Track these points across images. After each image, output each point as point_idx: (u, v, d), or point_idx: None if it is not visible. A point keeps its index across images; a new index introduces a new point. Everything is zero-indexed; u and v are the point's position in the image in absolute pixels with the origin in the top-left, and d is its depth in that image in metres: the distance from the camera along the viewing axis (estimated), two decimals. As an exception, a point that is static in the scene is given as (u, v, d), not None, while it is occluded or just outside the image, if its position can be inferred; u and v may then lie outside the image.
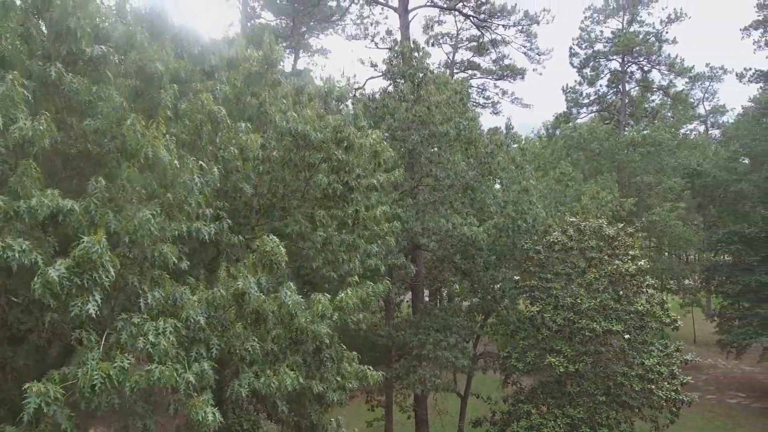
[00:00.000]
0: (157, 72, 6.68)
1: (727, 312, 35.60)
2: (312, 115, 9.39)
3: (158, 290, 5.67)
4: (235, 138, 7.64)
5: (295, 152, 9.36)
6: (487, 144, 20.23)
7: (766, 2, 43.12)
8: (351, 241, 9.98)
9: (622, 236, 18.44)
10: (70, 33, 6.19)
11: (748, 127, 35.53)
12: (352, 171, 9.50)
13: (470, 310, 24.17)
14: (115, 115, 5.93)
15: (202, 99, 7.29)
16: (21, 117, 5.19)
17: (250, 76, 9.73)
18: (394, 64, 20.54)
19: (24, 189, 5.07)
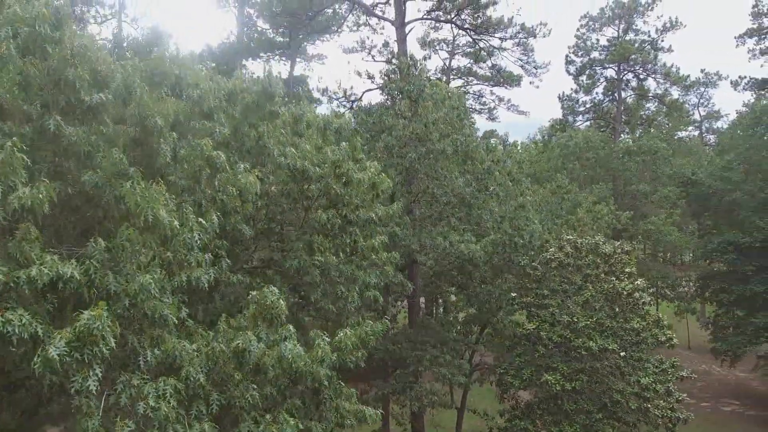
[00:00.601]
0: (156, 126, 6.66)
1: (721, 320, 35.77)
2: (311, 149, 9.37)
3: (158, 349, 5.65)
4: (234, 180, 7.61)
5: (294, 186, 9.34)
6: (484, 159, 20.25)
7: (760, 10, 43.35)
8: (349, 272, 9.96)
9: (618, 254, 18.50)
10: (68, 84, 6.15)
11: (743, 136, 35.73)
12: (351, 204, 9.48)
13: (466, 321, 24.22)
14: (114, 169, 5.90)
15: (202, 144, 7.26)
16: (20, 184, 5.16)
17: (249, 108, 9.69)
18: (391, 79, 20.54)
19: (23, 254, 5.04)
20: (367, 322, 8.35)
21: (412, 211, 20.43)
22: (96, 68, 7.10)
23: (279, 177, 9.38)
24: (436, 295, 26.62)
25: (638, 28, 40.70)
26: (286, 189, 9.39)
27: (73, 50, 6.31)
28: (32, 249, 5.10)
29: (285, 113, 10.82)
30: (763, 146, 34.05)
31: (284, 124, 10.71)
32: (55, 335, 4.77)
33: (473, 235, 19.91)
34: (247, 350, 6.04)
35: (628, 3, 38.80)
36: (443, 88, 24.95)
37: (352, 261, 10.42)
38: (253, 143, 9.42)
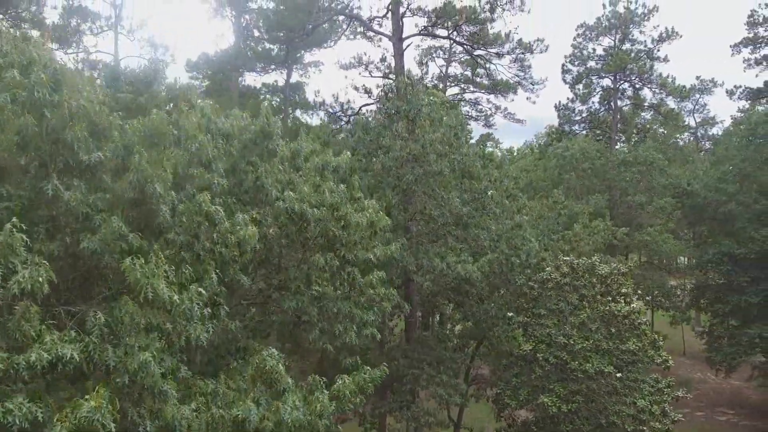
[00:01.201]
0: (155, 192, 6.66)
1: (716, 330, 35.94)
2: (309, 190, 9.37)
3: (158, 419, 5.66)
4: (233, 231, 7.62)
5: (292, 227, 9.34)
6: (481, 178, 20.30)
7: (755, 20, 43.52)
8: (347, 310, 9.98)
9: (615, 274, 18.59)
10: (66, 145, 6.14)
11: (738, 146, 35.89)
12: (349, 244, 9.50)
13: (463, 335, 24.26)
14: (114, 237, 5.90)
15: (200, 201, 7.26)
16: (20, 265, 5.16)
17: (247, 147, 9.68)
18: (389, 97, 20.56)
19: (22, 332, 5.04)
20: (365, 368, 8.37)
21: (409, 229, 20.46)
22: (95, 121, 7.08)
23: (277, 218, 9.38)
24: (433, 308, 26.65)
25: (635, 38, 40.83)
26: (284, 230, 9.39)
27: (71, 111, 6.30)
28: (32, 327, 5.10)
29: (284, 147, 10.80)
30: (758, 158, 34.22)
31: (282, 159, 10.70)
32: (56, 424, 4.78)
33: (470, 254, 19.94)
34: (247, 419, 6.06)
35: (625, 13, 38.92)
36: (441, 98, 24.94)
37: (349, 297, 10.43)
38: (251, 183, 9.42)
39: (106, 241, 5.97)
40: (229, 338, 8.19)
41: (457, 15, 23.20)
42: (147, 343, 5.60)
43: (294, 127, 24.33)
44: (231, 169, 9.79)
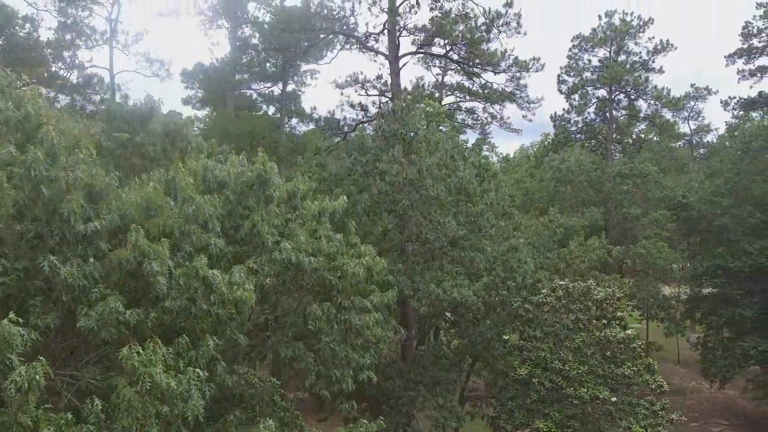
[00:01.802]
0: (152, 270, 6.67)
1: (710, 341, 36.11)
2: (305, 240, 9.39)
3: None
4: (230, 293, 7.63)
5: (289, 276, 9.36)
6: (477, 201, 20.36)
7: (750, 31, 43.71)
8: (344, 354, 10.00)
9: (610, 300, 18.68)
10: (62, 219, 6.14)
11: (733, 159, 36.04)
12: (346, 291, 9.52)
13: (459, 351, 24.30)
14: (111, 316, 5.92)
15: (197, 266, 7.28)
16: (17, 361, 5.16)
17: (244, 192, 9.69)
18: (385, 119, 20.58)
19: (19, 425, 5.05)
20: (362, 422, 8.40)
21: (405, 251, 20.51)
22: (92, 184, 7.08)
23: (274, 267, 9.38)
24: (429, 326, 26.70)
25: (630, 50, 40.96)
26: (281, 278, 9.41)
27: (68, 183, 6.30)
28: (29, 417, 5.11)
29: (281, 187, 10.79)
30: (752, 171, 34.39)
31: (279, 201, 10.70)
32: None
33: (466, 276, 19.99)
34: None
35: (620, 26, 39.04)
36: (436, 109, 24.87)
37: (345, 340, 10.46)
38: (248, 230, 9.43)
39: (103, 319, 6.00)
40: (224, 392, 8.21)
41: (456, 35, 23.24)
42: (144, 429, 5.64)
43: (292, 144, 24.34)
44: (228, 214, 9.78)
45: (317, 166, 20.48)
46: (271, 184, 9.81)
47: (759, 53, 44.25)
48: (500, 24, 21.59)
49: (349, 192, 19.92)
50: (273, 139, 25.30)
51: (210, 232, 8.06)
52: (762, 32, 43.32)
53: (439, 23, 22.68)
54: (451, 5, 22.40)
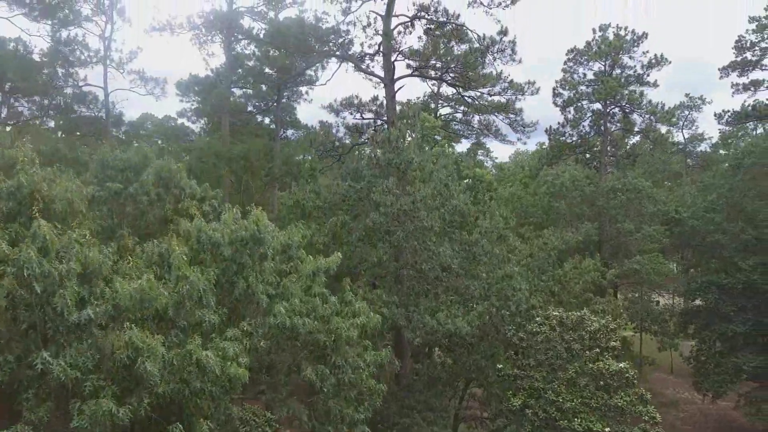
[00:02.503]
0: (146, 371, 6.67)
1: (703, 355, 36.33)
2: (299, 302, 9.40)
3: None
4: (224, 370, 7.64)
5: (283, 338, 9.37)
6: (471, 224, 20.42)
7: (743, 44, 43.92)
8: (338, 411, 10.02)
9: (603, 330, 18.77)
10: (56, 312, 6.13)
11: (725, 175, 36.23)
12: (340, 351, 9.54)
13: (452, 373, 24.36)
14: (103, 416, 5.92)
15: (191, 350, 7.28)
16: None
17: (238, 251, 9.70)
18: (380, 146, 20.60)
19: None
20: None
21: (400, 279, 20.53)
22: (85, 263, 7.07)
23: (268, 330, 9.39)
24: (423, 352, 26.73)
25: (624, 64, 41.10)
26: (275, 340, 9.42)
27: (61, 276, 6.29)
28: None
29: (276, 239, 10.79)
30: (744, 187, 34.59)
31: (275, 252, 10.70)
32: None
33: (460, 303, 20.04)
34: None
35: (614, 41, 39.16)
36: (432, 122, 24.70)
37: (339, 393, 10.47)
38: (242, 291, 9.43)
39: (96, 419, 5.99)
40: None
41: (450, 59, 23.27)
42: None
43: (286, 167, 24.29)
44: (222, 272, 9.79)
45: (312, 193, 20.48)
46: (265, 242, 9.81)
47: (752, 66, 44.50)
48: (495, 51, 21.66)
49: (343, 221, 19.96)
50: (267, 161, 25.31)
51: (204, 307, 8.08)
52: (755, 46, 43.57)
53: (433, 47, 22.72)
54: (446, 29, 22.42)
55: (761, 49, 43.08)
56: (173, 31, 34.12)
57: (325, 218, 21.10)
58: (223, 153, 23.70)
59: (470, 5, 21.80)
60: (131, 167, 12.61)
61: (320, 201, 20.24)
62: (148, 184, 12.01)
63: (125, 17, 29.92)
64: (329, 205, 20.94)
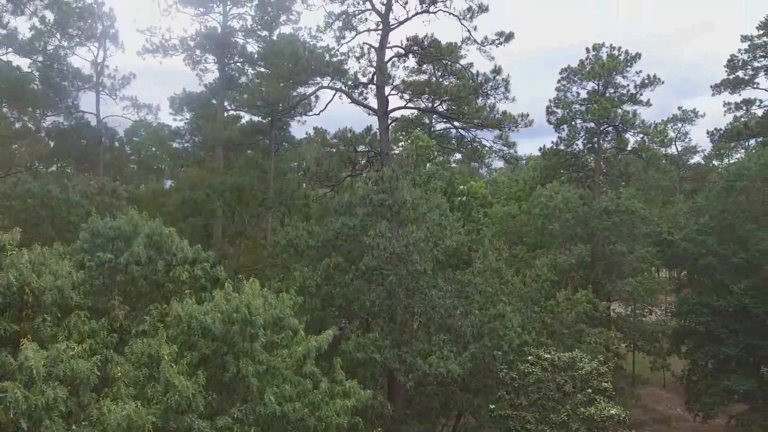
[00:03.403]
0: None
1: (694, 376, 36.56)
2: (290, 389, 9.43)
3: None
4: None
5: (273, 424, 9.39)
6: (465, 253, 20.53)
7: (736, 63, 44.21)
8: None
9: (595, 373, 18.88)
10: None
11: (718, 197, 36.40)
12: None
13: (446, 403, 24.44)
14: None
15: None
16: None
17: (229, 332, 9.71)
18: (373, 185, 20.64)
19: None
20: None
21: (394, 318, 20.59)
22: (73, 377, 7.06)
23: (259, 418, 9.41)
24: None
25: (618, 83, 41.27)
26: (265, 427, 9.44)
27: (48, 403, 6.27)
28: None
29: (268, 314, 10.79)
30: (736, 210, 34.80)
31: (266, 324, 10.71)
32: None
33: (453, 341, 20.11)
34: None
35: (607, 62, 39.30)
36: (426, 142, 24.64)
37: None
38: (233, 375, 9.44)
39: None
40: None
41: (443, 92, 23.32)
42: None
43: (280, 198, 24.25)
44: (213, 352, 9.80)
45: (305, 232, 20.49)
46: (256, 324, 9.83)
47: (744, 84, 44.83)
48: (488, 88, 21.72)
49: (336, 263, 19.99)
50: (261, 191, 25.31)
51: (194, 412, 8.10)
52: (747, 65, 43.89)
53: (426, 81, 22.77)
54: (439, 64, 22.49)
55: (753, 69, 43.41)
56: (166, 53, 33.99)
57: (319, 257, 21.14)
58: (215, 186, 23.69)
59: (464, 42, 21.88)
60: (121, 236, 12.58)
61: (313, 241, 20.25)
62: (139, 254, 11.99)
63: (118, 43, 29.85)
64: (322, 242, 20.98)
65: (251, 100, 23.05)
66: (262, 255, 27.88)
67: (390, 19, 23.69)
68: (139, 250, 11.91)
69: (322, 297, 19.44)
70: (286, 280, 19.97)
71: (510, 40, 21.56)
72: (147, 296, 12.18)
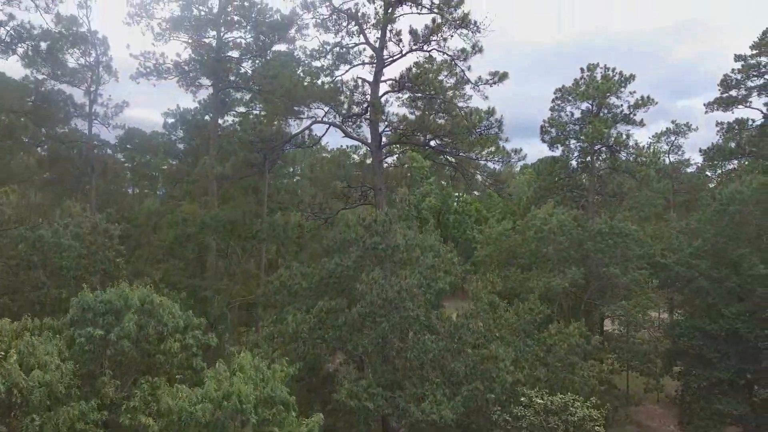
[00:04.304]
0: None
1: (688, 397, 36.75)
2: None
3: None
4: None
5: None
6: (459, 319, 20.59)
7: (729, 82, 44.38)
8: None
9: (587, 419, 18.96)
10: None
11: (711, 220, 36.57)
12: None
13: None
14: None
15: None
16: None
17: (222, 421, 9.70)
18: (367, 228, 20.64)
19: None
20: None
21: (388, 359, 20.61)
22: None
23: None
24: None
25: (611, 103, 41.39)
26: None
27: None
28: None
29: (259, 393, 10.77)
30: (729, 234, 34.98)
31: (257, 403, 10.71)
32: None
33: (445, 383, 20.15)
34: None
35: (601, 84, 39.40)
36: (420, 163, 24.47)
37: None
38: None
39: None
40: None
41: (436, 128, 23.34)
42: None
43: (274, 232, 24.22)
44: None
45: (300, 275, 20.51)
46: (246, 411, 9.84)
47: (737, 103, 45.02)
48: (482, 128, 21.75)
49: (329, 307, 19.99)
50: (254, 224, 25.31)
51: None
52: (740, 84, 44.08)
53: (420, 119, 22.78)
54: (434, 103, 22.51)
55: (747, 89, 43.60)
56: (161, 76, 33.90)
57: (313, 296, 21.16)
58: (208, 223, 23.66)
59: (458, 84, 21.90)
60: (112, 310, 12.54)
61: (306, 282, 20.26)
62: (130, 330, 11.95)
63: (112, 72, 29.68)
64: (316, 284, 20.99)
65: (245, 137, 23.01)
66: (255, 285, 27.87)
67: (384, 54, 23.67)
68: (130, 326, 11.90)
69: (314, 341, 19.46)
70: (278, 324, 20.00)
71: (504, 80, 21.62)
72: (137, 367, 12.16)
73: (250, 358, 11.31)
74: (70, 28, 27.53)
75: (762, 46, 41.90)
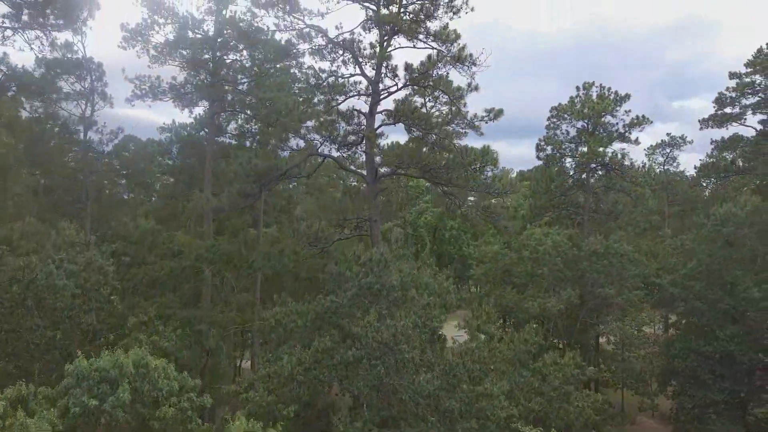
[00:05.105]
0: None
1: (682, 417, 36.93)
2: None
3: None
4: None
5: None
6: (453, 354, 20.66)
7: (724, 100, 44.54)
8: None
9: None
10: None
11: (706, 240, 36.71)
12: None
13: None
14: None
15: None
16: None
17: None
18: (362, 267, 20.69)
19: None
20: None
21: (382, 397, 20.66)
22: None
23: None
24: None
25: (607, 122, 41.53)
26: None
27: None
28: None
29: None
30: (724, 256, 35.13)
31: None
32: None
33: (440, 423, 20.22)
34: None
35: (597, 103, 39.52)
36: (416, 185, 24.39)
37: None
38: None
39: None
40: None
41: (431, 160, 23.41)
42: None
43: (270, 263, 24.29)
44: None
45: (295, 313, 20.56)
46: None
47: (731, 120, 45.20)
48: (476, 166, 21.81)
49: (325, 347, 20.03)
50: (249, 254, 25.35)
51: None
52: (735, 102, 44.26)
53: (414, 152, 22.84)
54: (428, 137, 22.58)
55: (741, 106, 43.79)
56: (156, 97, 33.85)
57: (308, 333, 21.22)
58: (203, 256, 23.69)
59: (453, 120, 21.94)
60: (107, 379, 12.54)
61: (302, 321, 20.30)
62: (124, 400, 11.97)
63: (107, 99, 29.62)
64: (311, 321, 21.04)
65: (241, 171, 23.03)
66: (250, 313, 27.90)
67: (379, 87, 23.70)
68: (125, 396, 11.92)
69: (310, 381, 19.51)
70: (274, 364, 20.04)
71: (499, 117, 21.70)
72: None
73: (244, 424, 11.34)
74: (65, 55, 27.46)
75: (757, 64, 42.06)
